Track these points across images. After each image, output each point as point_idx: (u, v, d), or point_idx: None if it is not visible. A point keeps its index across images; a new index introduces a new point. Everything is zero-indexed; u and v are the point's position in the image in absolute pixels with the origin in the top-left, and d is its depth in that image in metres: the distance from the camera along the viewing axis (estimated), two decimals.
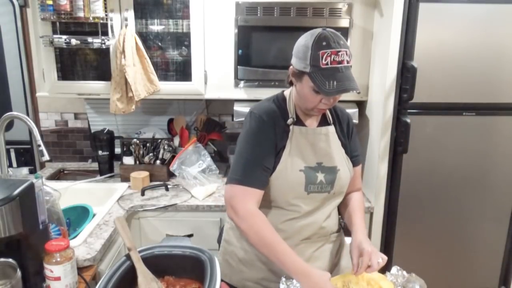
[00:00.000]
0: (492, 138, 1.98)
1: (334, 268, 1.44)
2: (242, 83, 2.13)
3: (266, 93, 2.13)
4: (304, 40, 1.22)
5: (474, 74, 1.90)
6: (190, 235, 1.99)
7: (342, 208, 1.47)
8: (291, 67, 1.27)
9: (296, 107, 1.34)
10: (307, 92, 1.23)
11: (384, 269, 1.32)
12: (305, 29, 2.00)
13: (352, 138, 1.43)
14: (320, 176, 1.31)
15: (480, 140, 1.98)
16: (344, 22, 2.03)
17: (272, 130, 1.29)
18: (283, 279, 1.23)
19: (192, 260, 1.18)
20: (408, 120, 1.88)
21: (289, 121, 1.31)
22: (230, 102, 2.21)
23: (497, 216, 2.09)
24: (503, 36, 1.86)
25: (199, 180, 2.14)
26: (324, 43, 1.16)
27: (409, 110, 1.92)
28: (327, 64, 1.16)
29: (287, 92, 1.37)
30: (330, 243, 1.43)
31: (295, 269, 1.16)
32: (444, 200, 2.05)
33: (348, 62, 1.19)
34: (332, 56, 1.16)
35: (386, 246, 2.10)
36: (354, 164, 1.43)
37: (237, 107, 2.13)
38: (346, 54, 1.18)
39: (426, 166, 2.00)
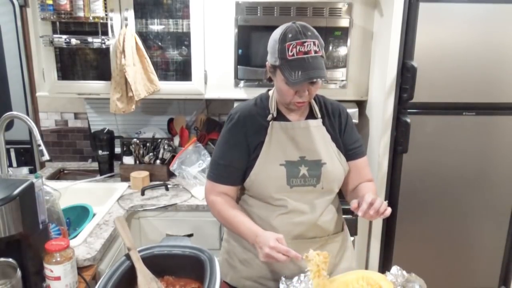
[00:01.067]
0: (492, 138, 1.98)
1: (333, 269, 1.42)
2: (242, 83, 2.13)
3: None
4: (274, 35, 1.24)
5: (474, 74, 1.90)
6: (190, 235, 1.99)
7: (352, 197, 1.41)
8: (267, 63, 1.29)
9: (279, 104, 1.36)
10: (281, 86, 1.25)
11: (384, 269, 1.32)
12: None
13: (347, 131, 1.41)
14: (303, 170, 1.32)
15: (480, 140, 1.98)
16: (344, 22, 2.03)
17: (242, 129, 1.33)
18: (283, 279, 1.23)
19: (192, 260, 1.18)
20: (408, 120, 1.88)
21: (269, 117, 1.33)
22: (230, 102, 2.21)
23: (497, 216, 2.09)
24: (503, 36, 1.86)
25: (199, 180, 2.14)
26: (290, 35, 1.18)
27: (409, 110, 1.92)
28: (293, 55, 1.17)
29: (271, 91, 1.39)
30: (331, 243, 1.41)
31: (250, 233, 1.24)
32: (444, 200, 2.05)
33: (316, 52, 1.18)
34: (298, 47, 1.17)
35: (386, 246, 2.10)
36: (355, 156, 1.41)
37: None
38: (314, 44, 1.18)
39: (426, 166, 2.00)
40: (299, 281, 1.23)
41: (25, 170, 2.52)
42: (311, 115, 1.38)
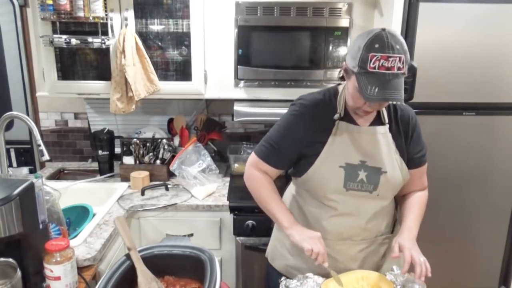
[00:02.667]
0: (492, 138, 1.98)
1: (377, 269, 1.41)
2: (242, 83, 2.13)
3: (266, 93, 2.16)
4: (359, 39, 1.17)
5: (474, 74, 1.90)
6: (190, 235, 1.99)
7: (400, 207, 1.46)
8: (344, 62, 1.24)
9: (346, 104, 1.31)
10: (353, 92, 1.21)
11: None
12: (305, 29, 2.04)
13: (414, 139, 1.37)
14: (362, 175, 1.29)
15: (480, 140, 1.98)
16: (344, 22, 2.03)
17: (304, 123, 1.31)
18: (283, 279, 1.23)
19: (192, 260, 1.18)
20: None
21: (336, 116, 1.30)
22: (230, 102, 2.21)
23: (497, 216, 2.09)
24: (503, 36, 1.86)
25: (199, 179, 2.14)
26: (376, 46, 1.11)
27: None
28: (374, 68, 1.11)
29: (340, 87, 1.35)
30: (378, 245, 1.40)
31: (288, 222, 1.28)
32: (444, 200, 2.04)
33: (399, 69, 1.11)
34: (381, 61, 1.10)
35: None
36: (418, 164, 1.39)
37: (237, 107, 2.13)
38: (399, 60, 1.11)
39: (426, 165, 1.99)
40: (299, 282, 1.23)
41: (25, 170, 2.52)
42: (378, 120, 1.33)
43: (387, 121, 1.33)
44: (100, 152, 2.30)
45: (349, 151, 1.30)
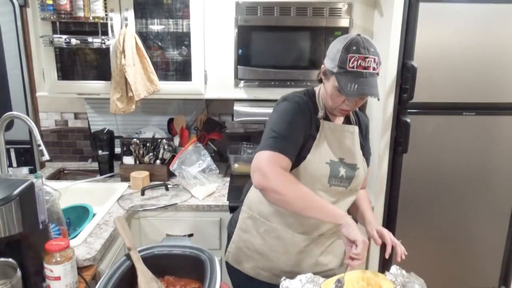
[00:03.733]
0: (492, 138, 1.98)
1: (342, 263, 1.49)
2: (242, 83, 2.13)
3: (266, 93, 2.16)
4: (337, 43, 1.27)
5: (474, 74, 1.90)
6: (190, 235, 1.99)
7: (351, 206, 1.51)
8: (322, 65, 1.33)
9: (324, 104, 1.40)
10: (332, 92, 1.29)
11: (383, 268, 1.32)
12: (305, 29, 2.04)
13: (366, 142, 1.52)
14: (342, 171, 1.37)
15: (480, 140, 1.98)
16: (344, 22, 2.04)
17: (306, 117, 1.34)
18: (283, 279, 1.23)
19: (192, 260, 1.18)
20: (408, 120, 1.89)
21: (320, 114, 1.36)
22: (230, 102, 2.21)
23: (497, 216, 2.09)
24: (503, 36, 1.86)
25: (199, 179, 2.14)
26: (354, 48, 1.22)
27: (409, 110, 1.92)
28: (353, 67, 1.22)
29: (316, 89, 1.42)
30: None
31: (340, 214, 1.24)
32: (444, 200, 2.05)
33: (374, 69, 1.24)
34: (359, 61, 1.22)
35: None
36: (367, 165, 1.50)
37: (237, 107, 2.14)
38: (374, 61, 1.23)
39: (426, 166, 2.00)
40: (299, 282, 1.23)
41: (25, 170, 2.52)
42: (347, 121, 1.46)
43: (355, 122, 1.46)
44: (100, 152, 2.30)
45: (332, 148, 1.37)
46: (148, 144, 2.27)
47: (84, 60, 2.15)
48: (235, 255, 1.50)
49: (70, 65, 2.15)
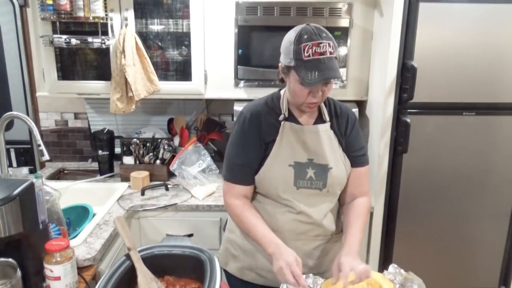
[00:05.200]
0: (492, 138, 1.98)
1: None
2: (242, 83, 2.13)
3: (266, 93, 2.13)
4: (288, 36, 1.26)
5: (474, 74, 1.90)
6: (190, 235, 1.99)
7: (345, 216, 1.44)
8: (280, 64, 1.31)
9: (290, 104, 1.37)
10: (295, 86, 1.26)
11: (383, 268, 1.32)
12: None
13: (352, 135, 1.41)
14: (310, 172, 1.34)
15: (480, 140, 1.98)
16: (344, 22, 2.03)
17: (255, 128, 1.34)
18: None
19: (192, 260, 1.18)
20: (408, 120, 1.88)
21: (280, 117, 1.35)
22: (230, 102, 2.21)
23: (497, 216, 2.09)
24: (503, 36, 1.86)
25: (199, 180, 2.14)
26: (305, 37, 1.20)
27: (409, 110, 1.92)
28: (309, 56, 1.19)
29: (283, 90, 1.40)
30: (333, 243, 1.43)
31: (270, 242, 1.25)
32: (444, 200, 2.05)
33: (331, 53, 1.20)
34: (314, 48, 1.19)
35: (386, 246, 2.10)
36: (356, 164, 1.41)
37: (237, 107, 2.13)
38: (329, 45, 1.20)
39: (426, 166, 2.00)
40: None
41: (25, 170, 2.52)
42: (320, 118, 1.39)
43: (327, 118, 1.38)
44: (100, 152, 2.30)
45: (296, 150, 1.34)
46: (148, 144, 2.27)
47: (84, 60, 2.16)
48: (223, 256, 1.51)
49: (70, 65, 2.15)
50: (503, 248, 2.14)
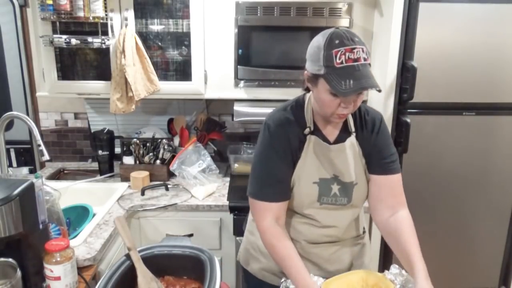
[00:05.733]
0: (492, 138, 1.98)
1: (359, 268, 1.42)
2: (242, 83, 2.13)
3: (266, 93, 2.16)
4: (316, 41, 1.14)
5: (474, 74, 1.90)
6: (190, 235, 1.99)
7: (389, 236, 1.29)
8: (305, 72, 1.20)
9: (315, 114, 1.27)
10: (324, 97, 1.15)
11: (383, 268, 1.32)
12: (305, 29, 2.04)
13: (378, 142, 1.30)
14: (335, 189, 1.27)
15: (480, 140, 1.98)
16: (344, 22, 2.03)
17: (284, 141, 1.24)
18: (283, 280, 1.23)
19: (192, 260, 1.18)
20: (408, 120, 1.88)
21: (306, 130, 1.26)
22: (230, 102, 2.21)
23: (497, 216, 2.09)
24: (503, 36, 1.86)
25: (199, 180, 2.14)
26: (337, 41, 1.09)
27: (409, 110, 1.92)
28: (341, 62, 1.08)
29: (307, 96, 1.30)
30: (352, 246, 1.41)
31: (304, 282, 1.16)
32: (444, 200, 2.05)
33: (365, 60, 1.10)
34: (347, 54, 1.08)
35: (386, 246, 2.10)
36: (387, 171, 1.29)
37: (237, 107, 2.14)
38: (363, 51, 1.09)
39: (426, 166, 2.00)
40: None
41: (25, 170, 2.52)
42: (345, 129, 1.30)
43: (353, 129, 1.30)
44: (100, 152, 2.30)
45: (321, 166, 1.27)
46: (148, 144, 2.27)
47: (84, 60, 2.16)
48: (243, 256, 1.49)
49: (70, 65, 2.15)
50: (503, 248, 2.14)
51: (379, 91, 1.10)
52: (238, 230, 2.00)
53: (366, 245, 1.47)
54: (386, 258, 2.11)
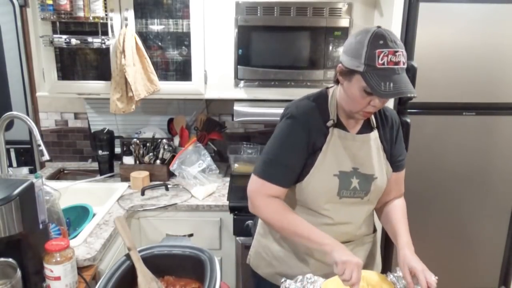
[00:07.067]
0: (492, 138, 1.98)
1: (372, 267, 1.44)
2: (242, 83, 2.13)
3: (266, 93, 2.16)
4: (358, 37, 1.13)
5: (474, 74, 1.90)
6: (190, 235, 1.99)
7: (383, 217, 1.42)
8: (339, 65, 1.19)
9: (339, 108, 1.27)
10: (356, 93, 1.16)
11: (386, 270, 1.32)
12: (305, 29, 2.04)
13: (397, 141, 1.36)
14: (355, 182, 1.27)
15: (480, 140, 1.98)
16: (344, 22, 2.03)
17: (305, 132, 1.24)
18: (283, 280, 1.23)
19: (192, 260, 1.18)
20: (408, 120, 1.88)
21: (329, 123, 1.25)
22: (230, 102, 2.21)
23: (497, 216, 2.09)
24: (503, 36, 1.86)
25: (199, 180, 2.14)
26: (381, 42, 1.09)
27: (409, 110, 1.92)
28: (383, 64, 1.09)
29: (330, 90, 1.30)
30: (364, 244, 1.41)
31: (326, 240, 1.17)
32: (444, 200, 2.05)
33: (404, 64, 1.12)
34: (389, 56, 1.09)
35: (386, 246, 2.10)
36: (398, 168, 1.37)
37: (237, 107, 2.14)
38: (403, 55, 1.11)
39: (426, 165, 2.00)
40: (299, 283, 1.23)
41: (25, 170, 2.52)
42: (367, 125, 1.32)
43: (375, 125, 1.32)
44: (100, 152, 2.30)
45: (342, 159, 1.27)
46: (148, 144, 2.27)
47: (84, 60, 2.16)
48: (255, 259, 1.47)
49: (70, 65, 2.15)
50: (503, 248, 2.14)
51: (415, 96, 1.12)
52: (238, 230, 2.00)
53: (377, 243, 1.48)
54: (386, 258, 2.11)
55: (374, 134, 1.31)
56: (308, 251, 1.34)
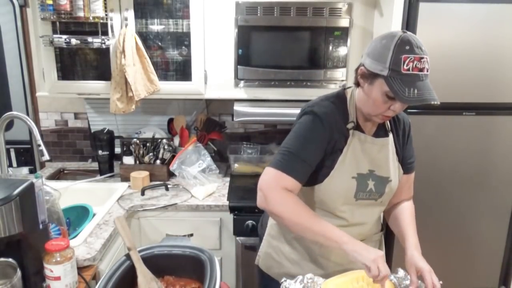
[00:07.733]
0: (492, 138, 1.98)
1: None
2: (242, 83, 2.13)
3: (266, 93, 2.16)
4: (384, 41, 1.13)
5: (474, 74, 1.90)
6: (190, 235, 1.99)
7: (391, 219, 1.44)
8: (361, 67, 1.19)
9: (357, 110, 1.27)
10: (377, 97, 1.16)
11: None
12: (305, 29, 2.04)
13: (408, 143, 1.38)
14: (371, 184, 1.28)
15: (480, 140, 1.98)
16: (344, 22, 2.04)
17: (327, 130, 1.23)
18: (283, 279, 1.23)
19: (192, 260, 1.18)
20: (408, 120, 1.88)
21: (350, 125, 1.25)
22: (230, 102, 2.21)
23: (497, 216, 2.09)
24: (503, 36, 1.86)
25: (199, 179, 2.14)
26: (407, 47, 1.09)
27: (409, 110, 1.91)
28: (408, 70, 1.09)
29: (348, 91, 1.30)
30: (372, 242, 1.42)
31: (347, 237, 1.15)
32: (444, 200, 2.05)
33: (427, 71, 1.12)
34: (415, 62, 1.09)
35: (386, 246, 2.10)
36: (409, 171, 1.40)
37: (237, 107, 2.14)
38: (427, 61, 1.11)
39: (426, 166, 1.99)
40: (299, 283, 1.23)
41: (25, 170, 2.52)
42: (382, 127, 1.33)
43: (389, 128, 1.34)
44: (100, 152, 2.30)
45: (360, 161, 1.27)
46: (148, 144, 2.27)
47: (84, 60, 2.16)
48: (264, 260, 1.46)
49: (70, 65, 2.15)
50: (503, 248, 2.14)
51: (438, 104, 1.11)
52: (238, 230, 2.00)
53: (382, 241, 1.49)
54: (386, 258, 2.11)
55: (391, 137, 1.33)
56: (323, 253, 1.34)
